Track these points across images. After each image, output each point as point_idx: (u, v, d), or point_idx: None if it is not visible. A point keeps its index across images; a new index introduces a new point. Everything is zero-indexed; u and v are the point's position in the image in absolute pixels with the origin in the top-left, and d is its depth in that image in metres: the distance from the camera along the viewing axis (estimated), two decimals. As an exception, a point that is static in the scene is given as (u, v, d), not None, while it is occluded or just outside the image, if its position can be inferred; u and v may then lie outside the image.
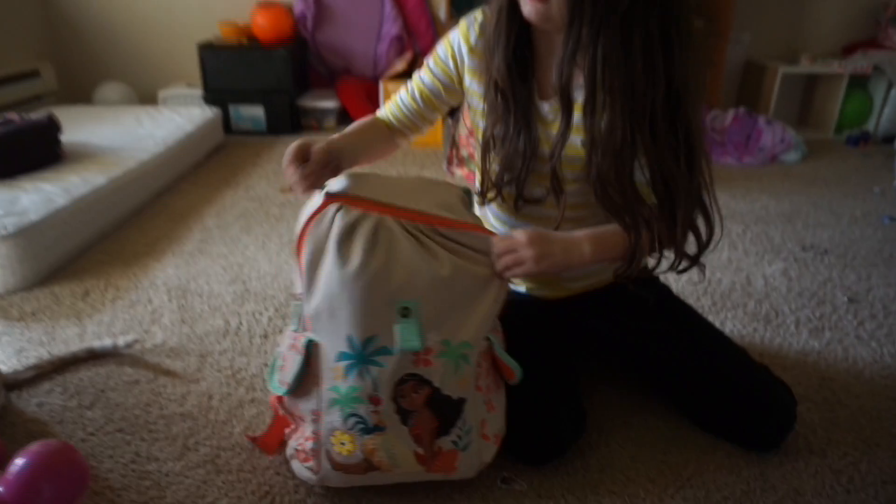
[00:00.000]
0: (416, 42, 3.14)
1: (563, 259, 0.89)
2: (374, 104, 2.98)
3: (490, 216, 1.10)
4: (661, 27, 0.78)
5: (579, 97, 0.87)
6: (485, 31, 0.96)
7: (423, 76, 1.08)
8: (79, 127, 2.33)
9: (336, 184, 0.91)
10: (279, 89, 2.92)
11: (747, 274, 1.64)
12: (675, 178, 0.85)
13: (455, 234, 0.86)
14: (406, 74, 2.80)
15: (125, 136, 2.27)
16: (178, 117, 2.53)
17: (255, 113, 2.93)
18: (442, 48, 1.05)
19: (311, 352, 0.85)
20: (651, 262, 0.96)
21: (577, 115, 0.89)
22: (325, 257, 0.82)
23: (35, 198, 1.65)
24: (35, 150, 1.88)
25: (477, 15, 0.99)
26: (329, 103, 3.01)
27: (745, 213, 2.06)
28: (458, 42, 1.01)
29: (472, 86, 1.02)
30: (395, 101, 1.12)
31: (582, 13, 0.79)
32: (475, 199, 1.03)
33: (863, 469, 0.99)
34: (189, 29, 3.13)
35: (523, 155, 0.96)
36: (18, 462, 0.80)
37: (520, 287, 1.13)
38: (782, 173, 2.50)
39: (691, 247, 0.93)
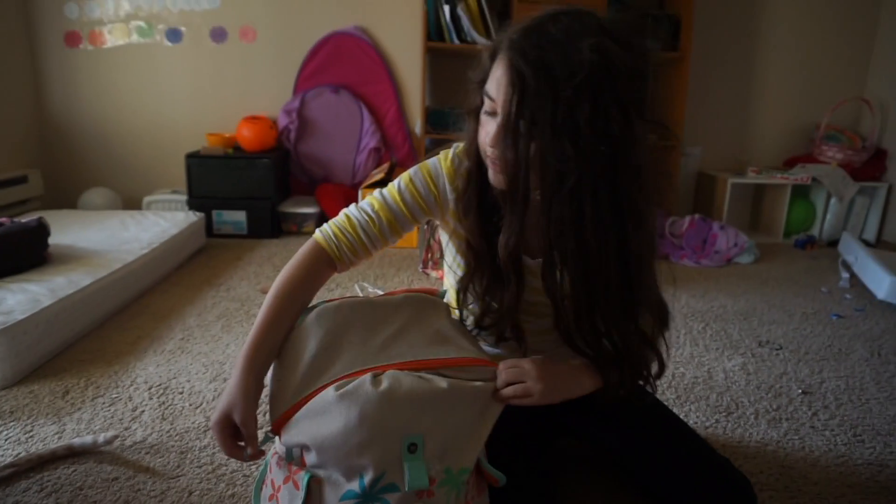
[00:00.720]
0: (392, 153, 3.35)
1: (568, 391, 0.93)
2: (353, 210, 3.12)
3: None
4: (611, 198, 0.82)
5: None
6: (461, 186, 0.97)
7: (390, 201, 1.00)
8: (65, 230, 2.40)
9: (314, 333, 0.89)
10: (261, 196, 3.05)
11: (708, 368, 1.72)
12: (628, 333, 0.93)
13: (460, 372, 0.87)
14: (383, 182, 2.97)
15: (111, 239, 2.34)
16: (163, 221, 2.62)
17: (237, 217, 3.05)
18: (420, 179, 1.00)
19: (311, 489, 0.82)
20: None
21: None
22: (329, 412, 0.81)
23: (20, 297, 1.69)
24: (24, 253, 1.94)
25: (460, 154, 0.98)
26: (309, 209, 3.15)
27: (705, 312, 2.18)
28: (441, 177, 0.99)
29: (458, 228, 1.01)
30: (349, 224, 1.00)
31: (520, 183, 0.82)
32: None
33: (823, 552, 1.04)
34: (178, 139, 3.30)
35: (503, 306, 0.96)
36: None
37: None
38: (737, 274, 2.66)
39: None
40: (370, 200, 1.02)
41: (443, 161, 1.00)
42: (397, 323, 0.91)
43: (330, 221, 1.03)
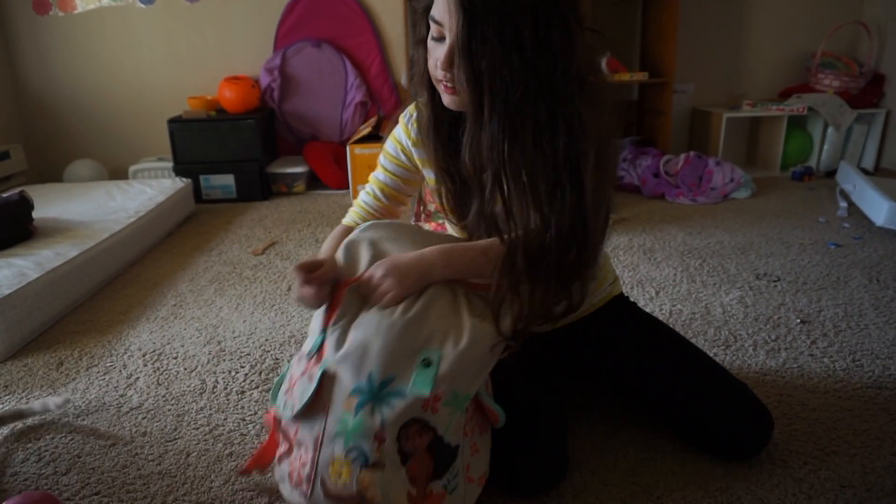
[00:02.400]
0: (379, 106, 3.28)
1: (421, 274, 0.95)
2: (342, 166, 3.08)
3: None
4: (553, 106, 0.86)
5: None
6: (419, 122, 1.05)
7: (380, 176, 1.16)
8: (50, 203, 2.37)
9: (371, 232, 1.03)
10: (248, 158, 3.00)
11: (706, 304, 1.71)
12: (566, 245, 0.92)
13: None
14: (371, 137, 2.91)
15: (97, 209, 2.31)
16: (150, 189, 2.58)
17: (225, 181, 3.00)
18: (391, 145, 1.14)
19: (323, 382, 0.89)
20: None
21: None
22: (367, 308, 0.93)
23: (7, 272, 1.67)
24: (7, 227, 1.91)
25: (410, 109, 1.09)
26: (298, 168, 3.10)
27: (702, 248, 2.16)
28: (403, 138, 1.12)
29: (427, 173, 1.12)
30: (360, 207, 1.19)
31: (481, 102, 0.87)
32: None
33: (822, 476, 1.04)
34: (159, 105, 3.22)
35: (480, 216, 1.00)
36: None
37: None
38: (734, 209, 2.63)
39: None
40: (370, 181, 1.19)
41: (401, 124, 1.12)
42: (430, 239, 1.02)
43: (350, 209, 1.22)
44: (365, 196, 1.20)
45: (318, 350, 0.93)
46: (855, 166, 2.82)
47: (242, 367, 1.45)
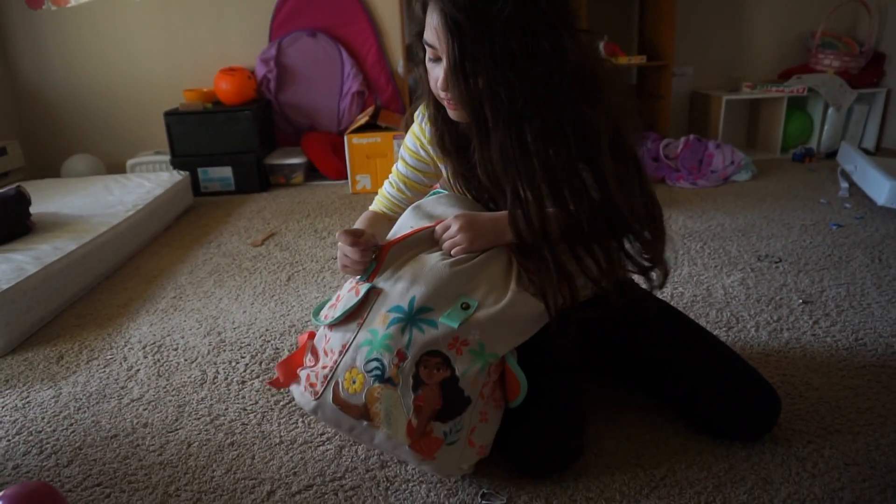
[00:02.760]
0: (376, 95, 3.26)
1: (494, 237, 1.00)
2: (340, 156, 3.06)
3: None
4: (554, 120, 0.89)
5: None
6: (431, 137, 1.09)
7: (401, 169, 1.21)
8: (48, 199, 2.36)
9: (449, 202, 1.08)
10: (246, 149, 2.98)
11: (707, 286, 1.70)
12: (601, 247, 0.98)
13: None
14: (369, 127, 2.89)
15: (95, 204, 2.30)
16: (147, 183, 2.57)
17: (223, 174, 2.99)
18: (411, 140, 1.17)
19: (369, 296, 0.97)
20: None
21: None
22: (430, 250, 1.00)
23: (5, 267, 1.66)
24: (4, 223, 1.90)
25: (422, 109, 1.12)
26: (296, 159, 3.08)
27: (702, 231, 2.15)
28: (420, 135, 1.16)
29: (443, 168, 1.15)
30: (384, 197, 1.24)
31: (483, 119, 0.91)
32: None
33: (826, 454, 1.03)
34: (155, 98, 3.20)
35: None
36: (-3, 514, 0.80)
37: None
38: (734, 192, 2.61)
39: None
40: (392, 172, 1.23)
41: (416, 123, 1.16)
42: None
43: (376, 197, 1.26)
44: (389, 188, 1.23)
45: (371, 273, 0.99)
46: (856, 146, 2.80)
47: (243, 357, 1.45)
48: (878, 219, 2.17)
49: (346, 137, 2.88)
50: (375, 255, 1.00)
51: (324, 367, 0.97)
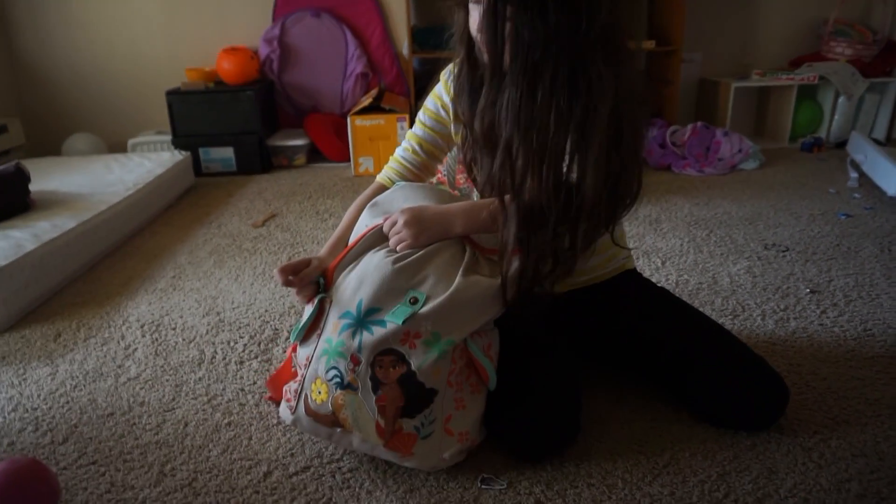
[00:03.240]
0: (381, 77, 3.22)
1: (439, 232, 0.99)
2: (343, 138, 3.03)
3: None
4: (569, 74, 0.88)
5: None
6: (455, 76, 1.08)
7: (418, 130, 1.19)
8: (48, 177, 2.34)
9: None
10: (248, 130, 2.95)
11: (713, 274, 1.68)
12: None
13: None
14: (372, 108, 2.86)
15: (95, 182, 2.28)
16: (148, 162, 2.54)
17: (225, 154, 2.96)
18: (431, 102, 1.17)
19: (323, 306, 0.99)
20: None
21: None
22: (378, 248, 1.00)
23: (3, 244, 1.64)
24: (3, 200, 1.88)
25: (451, 68, 1.12)
26: (298, 141, 3.05)
27: (709, 219, 2.12)
28: (442, 94, 1.15)
29: (456, 128, 1.15)
30: (396, 162, 1.21)
31: (500, 64, 0.91)
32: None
33: (833, 445, 1.01)
34: (157, 77, 3.17)
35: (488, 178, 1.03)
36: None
37: None
38: (742, 180, 2.58)
39: None
40: (407, 137, 1.21)
41: (442, 81, 1.16)
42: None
43: (385, 165, 1.24)
44: (402, 151, 1.22)
45: (323, 292, 1.01)
46: (867, 136, 2.76)
47: (241, 337, 1.43)
48: (888, 209, 2.14)
49: (349, 119, 2.84)
50: (323, 277, 1.02)
51: (295, 382, 1.00)
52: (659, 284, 1.28)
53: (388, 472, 0.99)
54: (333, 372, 0.93)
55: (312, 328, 0.99)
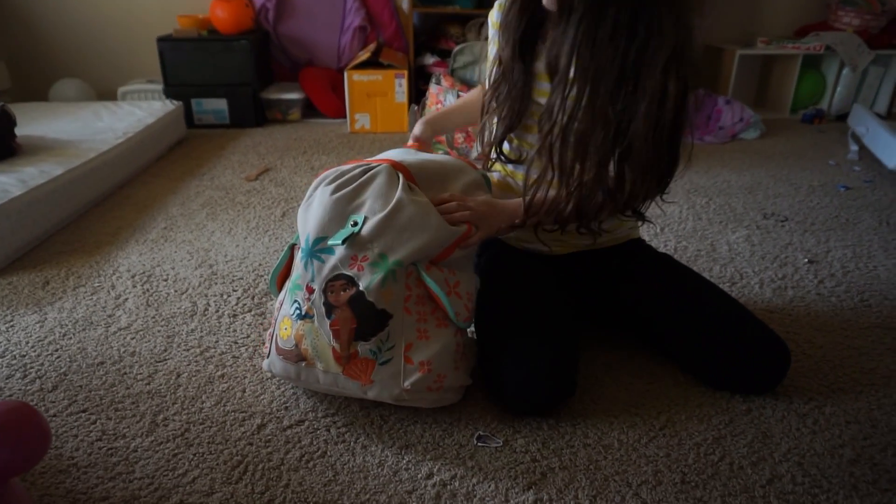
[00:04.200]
0: (379, 32, 3.13)
1: (504, 221, 1.06)
2: (339, 94, 2.96)
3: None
4: (631, 15, 0.89)
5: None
6: (507, 9, 1.07)
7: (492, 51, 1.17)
8: (35, 122, 2.27)
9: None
10: (242, 82, 2.88)
11: (712, 241, 1.67)
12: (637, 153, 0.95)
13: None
14: (370, 63, 2.79)
15: (84, 129, 2.21)
16: (139, 111, 2.48)
17: (218, 106, 2.89)
18: (492, 32, 1.15)
19: (290, 253, 1.04)
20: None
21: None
22: (322, 183, 1.02)
23: (-11, 189, 1.60)
24: (-12, 143, 1.82)
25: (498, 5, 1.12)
26: (293, 94, 2.98)
27: (708, 187, 2.10)
28: (491, 21, 1.14)
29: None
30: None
31: (570, 3, 0.92)
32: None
33: (827, 411, 1.02)
34: (148, 24, 3.07)
35: (512, 119, 1.08)
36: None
37: (530, 243, 1.16)
38: (742, 150, 2.56)
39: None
40: (489, 75, 1.16)
41: (496, 7, 1.13)
42: (446, 168, 1.07)
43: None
44: (481, 91, 1.22)
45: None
46: (868, 109, 2.74)
47: (235, 290, 1.41)
48: (888, 182, 2.13)
49: (345, 73, 2.77)
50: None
51: (270, 327, 1.05)
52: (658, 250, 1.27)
53: (383, 428, 0.98)
54: (295, 305, 0.97)
55: (283, 274, 1.05)
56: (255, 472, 0.90)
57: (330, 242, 0.96)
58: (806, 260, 1.55)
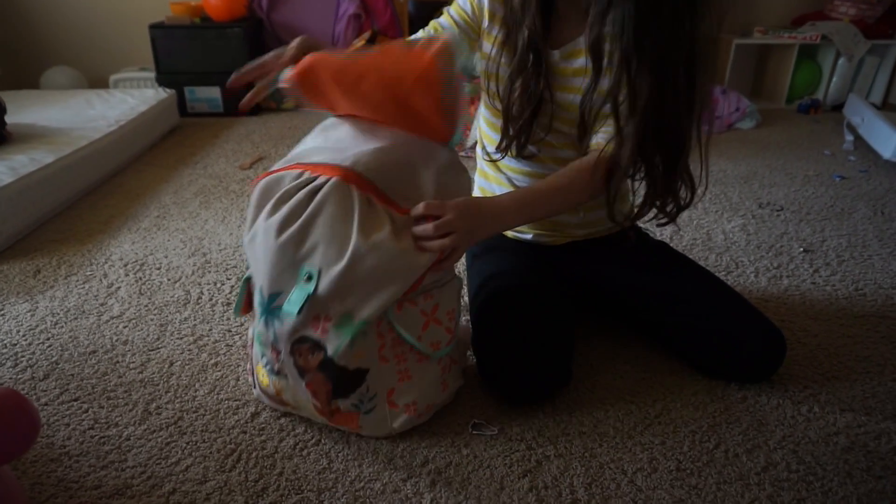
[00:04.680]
0: (373, 20, 3.10)
1: (494, 227, 0.95)
2: (334, 83, 2.94)
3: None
4: None
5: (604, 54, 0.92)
6: None
7: (442, 22, 1.10)
8: (25, 110, 2.25)
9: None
10: (235, 69, 2.84)
11: (707, 230, 1.66)
12: (682, 134, 0.96)
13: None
14: (365, 51, 2.76)
15: (75, 117, 2.19)
16: (131, 99, 2.46)
17: (211, 94, 2.86)
18: (463, 1, 1.08)
19: (246, 287, 0.95)
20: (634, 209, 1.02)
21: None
22: (264, 208, 0.86)
23: (-22, 176, 1.58)
24: (-23, 130, 1.80)
25: None
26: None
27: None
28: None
29: (492, 30, 1.05)
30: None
31: None
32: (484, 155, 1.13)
33: (822, 399, 1.02)
34: (140, 11, 3.04)
35: (531, 97, 1.00)
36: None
37: (525, 234, 1.16)
38: (738, 139, 2.55)
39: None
40: (430, 26, 1.09)
41: None
42: (388, 139, 0.90)
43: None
44: (422, 34, 1.11)
45: None
46: (864, 99, 2.73)
47: (229, 279, 1.40)
48: (883, 172, 2.13)
49: (340, 62, 2.74)
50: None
51: (248, 361, 1.01)
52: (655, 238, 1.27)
53: (377, 416, 0.98)
54: (265, 360, 0.91)
55: (245, 309, 0.96)
56: (248, 460, 0.89)
57: (285, 309, 0.83)
58: (801, 249, 1.55)
